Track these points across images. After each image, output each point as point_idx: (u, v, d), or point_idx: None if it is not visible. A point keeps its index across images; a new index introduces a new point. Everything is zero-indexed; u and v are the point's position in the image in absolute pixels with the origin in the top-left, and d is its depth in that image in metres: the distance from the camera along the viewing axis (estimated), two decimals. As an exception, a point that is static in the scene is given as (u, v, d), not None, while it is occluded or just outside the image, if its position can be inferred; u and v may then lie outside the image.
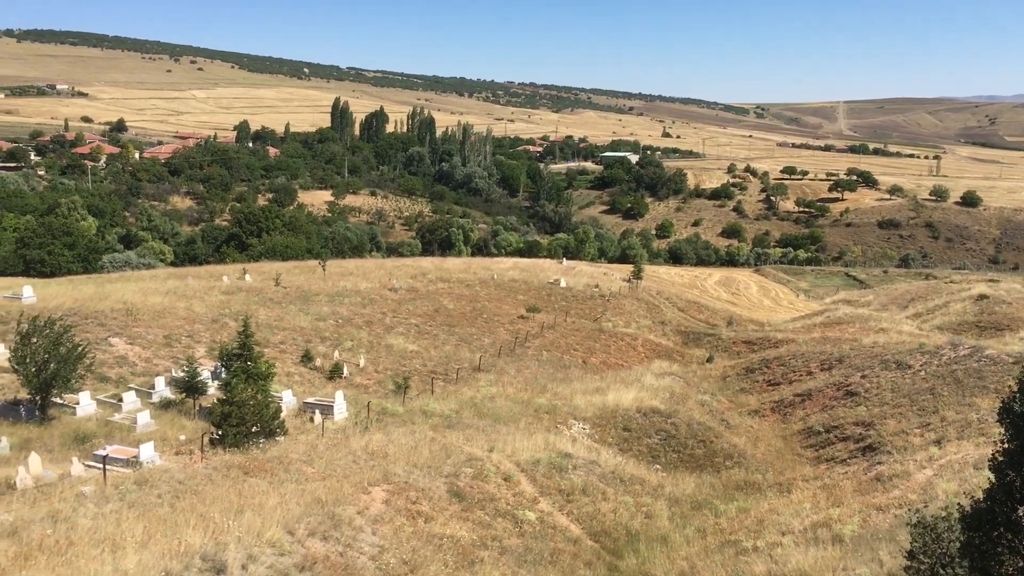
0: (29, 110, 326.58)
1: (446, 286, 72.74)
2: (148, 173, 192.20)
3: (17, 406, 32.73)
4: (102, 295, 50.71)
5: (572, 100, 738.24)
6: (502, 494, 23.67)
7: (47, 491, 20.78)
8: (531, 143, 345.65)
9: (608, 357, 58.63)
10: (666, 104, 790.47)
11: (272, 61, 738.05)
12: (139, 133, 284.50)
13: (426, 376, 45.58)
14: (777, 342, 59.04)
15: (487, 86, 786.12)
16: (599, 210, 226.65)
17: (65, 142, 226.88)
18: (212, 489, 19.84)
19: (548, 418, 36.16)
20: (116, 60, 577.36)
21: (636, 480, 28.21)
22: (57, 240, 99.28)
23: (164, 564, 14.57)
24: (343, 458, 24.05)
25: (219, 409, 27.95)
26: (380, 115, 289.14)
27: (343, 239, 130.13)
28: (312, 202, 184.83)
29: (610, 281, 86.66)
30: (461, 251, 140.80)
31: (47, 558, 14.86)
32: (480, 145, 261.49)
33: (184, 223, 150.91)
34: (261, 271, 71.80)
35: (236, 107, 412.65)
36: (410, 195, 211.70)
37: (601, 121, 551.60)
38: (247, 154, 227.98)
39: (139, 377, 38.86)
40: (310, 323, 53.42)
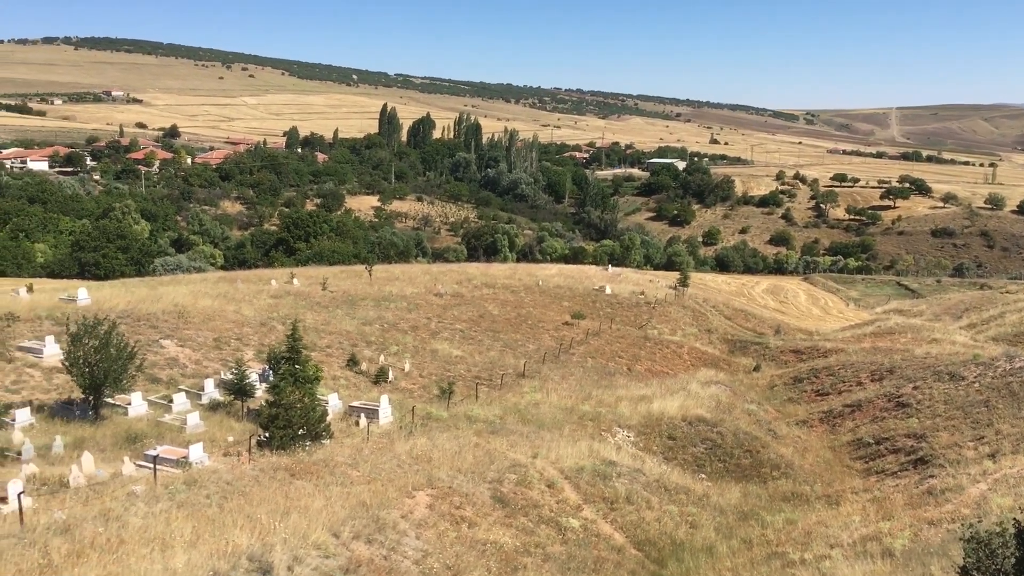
0: (86, 116, 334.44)
1: (491, 292, 72.86)
2: (199, 178, 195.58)
3: (71, 406, 33.45)
4: (154, 298, 51.61)
5: (619, 106, 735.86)
6: (545, 501, 23.61)
7: (99, 490, 21.18)
8: (577, 149, 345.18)
9: (653, 365, 58.24)
10: (714, 110, 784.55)
11: (321, 68, 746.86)
12: (191, 139, 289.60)
13: (470, 381, 45.65)
14: (826, 352, 58.17)
15: (534, 92, 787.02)
16: (645, 217, 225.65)
17: (120, 147, 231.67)
18: (259, 490, 20.06)
19: (592, 425, 36.01)
20: (170, 67, 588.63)
21: (681, 489, 27.96)
22: (111, 243, 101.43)
23: (212, 564, 14.75)
24: (388, 462, 24.17)
25: (267, 411, 28.28)
26: (427, 121, 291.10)
27: (389, 244, 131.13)
28: (359, 207, 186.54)
29: (656, 288, 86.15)
30: (506, 257, 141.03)
31: (99, 556, 15.13)
32: (526, 151, 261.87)
33: (234, 227, 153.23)
34: (309, 275, 72.56)
35: (286, 113, 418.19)
36: (456, 201, 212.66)
37: (648, 127, 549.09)
38: (296, 160, 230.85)
39: (189, 379, 39.47)
40: (356, 327, 53.83)
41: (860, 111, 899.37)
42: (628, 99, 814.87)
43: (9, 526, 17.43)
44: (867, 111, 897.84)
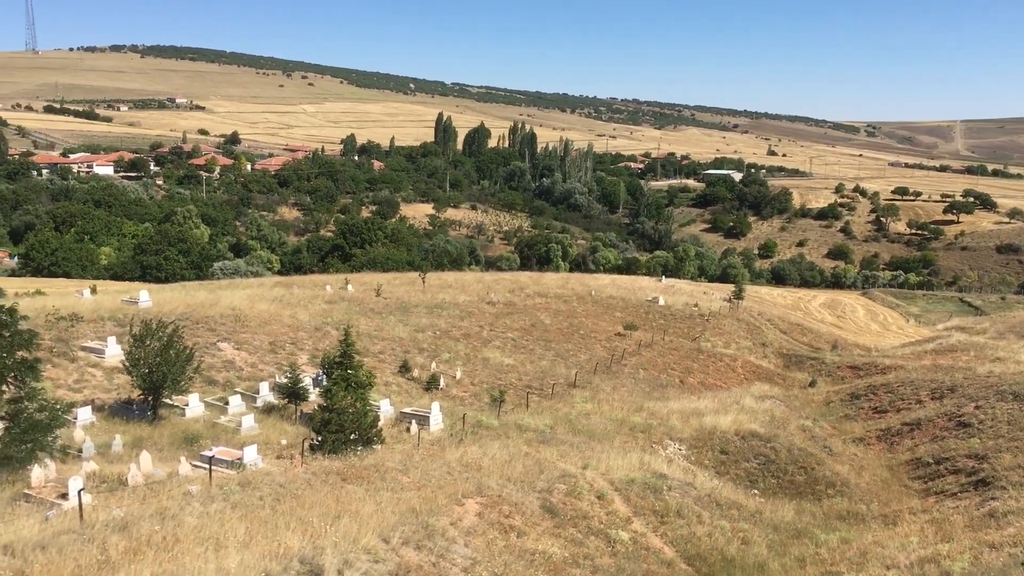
0: (150, 122, 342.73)
1: (543, 301, 72.82)
2: (259, 184, 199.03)
3: (130, 406, 34.18)
4: (213, 301, 52.56)
5: (675, 117, 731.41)
6: (595, 512, 23.46)
7: (156, 488, 21.59)
8: (632, 160, 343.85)
9: (706, 378, 57.64)
10: (772, 121, 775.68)
11: (379, 77, 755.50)
12: (251, 145, 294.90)
13: (521, 390, 45.64)
14: (885, 368, 57.03)
15: (589, 102, 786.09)
16: (700, 228, 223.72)
17: (182, 153, 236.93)
18: (311, 494, 20.26)
19: (643, 437, 35.73)
20: (232, 75, 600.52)
21: (733, 504, 27.58)
22: (172, 247, 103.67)
23: (264, 565, 14.92)
24: (438, 469, 24.25)
25: (319, 415, 28.57)
26: (482, 130, 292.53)
27: (443, 252, 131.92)
28: (414, 215, 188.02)
29: (710, 300, 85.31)
30: (559, 266, 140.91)
31: (155, 553, 15.40)
32: (581, 161, 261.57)
33: (291, 233, 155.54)
34: (363, 282, 73.28)
35: (344, 121, 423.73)
36: (510, 210, 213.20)
37: (704, 138, 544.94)
38: (352, 167, 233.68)
39: (245, 381, 40.09)
40: (409, 334, 54.19)
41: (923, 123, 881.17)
42: (685, 109, 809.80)
43: (69, 522, 17.85)
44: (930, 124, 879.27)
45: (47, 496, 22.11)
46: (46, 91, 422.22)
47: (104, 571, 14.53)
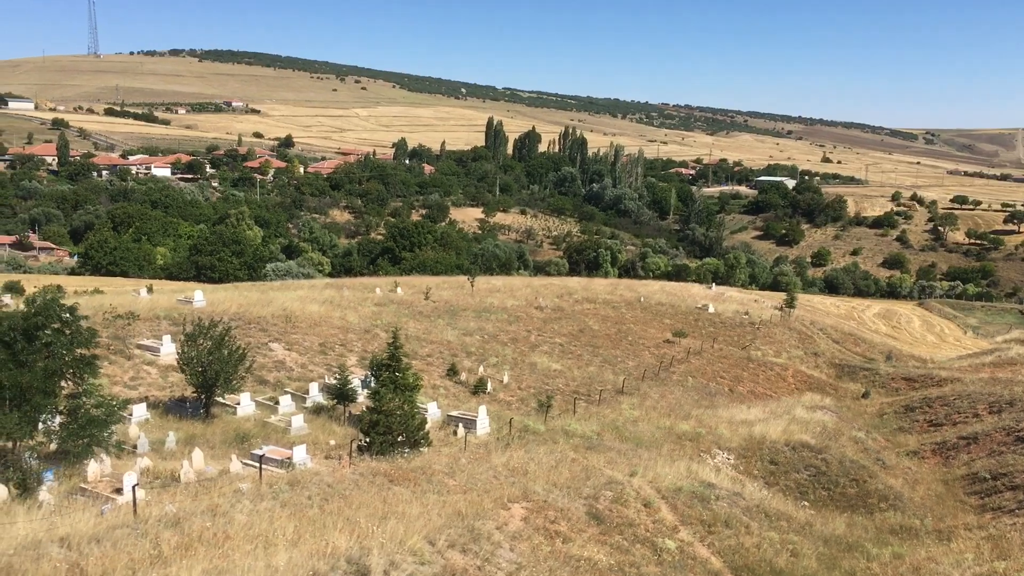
0: (207, 125, 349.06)
1: (592, 307, 72.60)
2: (311, 187, 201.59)
3: (184, 403, 34.82)
4: (265, 302, 53.31)
5: (728, 123, 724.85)
6: (641, 520, 23.29)
7: (208, 486, 21.95)
8: (683, 166, 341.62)
9: (756, 387, 56.94)
10: (827, 128, 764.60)
11: (431, 81, 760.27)
12: (305, 149, 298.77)
13: (569, 396, 45.53)
14: (941, 380, 55.83)
15: (641, 107, 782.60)
16: (751, 235, 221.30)
17: (238, 156, 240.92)
18: (358, 494, 20.43)
19: (691, 446, 35.41)
20: (287, 79, 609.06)
21: (782, 516, 27.20)
22: (226, 248, 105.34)
23: (312, 564, 15.08)
24: (484, 473, 24.28)
25: (368, 417, 28.81)
26: (532, 135, 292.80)
27: (492, 256, 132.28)
28: (463, 219, 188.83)
29: (761, 309, 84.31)
30: (608, 272, 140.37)
31: (206, 549, 15.66)
32: (631, 166, 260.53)
33: (342, 236, 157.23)
34: (412, 285, 73.74)
35: (395, 125, 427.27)
36: (559, 215, 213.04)
37: (757, 145, 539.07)
38: (403, 171, 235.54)
39: (295, 382, 40.58)
40: (457, 337, 54.39)
41: (984, 131, 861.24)
42: (737, 115, 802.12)
43: (123, 516, 18.22)
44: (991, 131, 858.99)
45: (102, 490, 22.61)
46: (107, 94, 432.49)
47: (156, 566, 14.80)
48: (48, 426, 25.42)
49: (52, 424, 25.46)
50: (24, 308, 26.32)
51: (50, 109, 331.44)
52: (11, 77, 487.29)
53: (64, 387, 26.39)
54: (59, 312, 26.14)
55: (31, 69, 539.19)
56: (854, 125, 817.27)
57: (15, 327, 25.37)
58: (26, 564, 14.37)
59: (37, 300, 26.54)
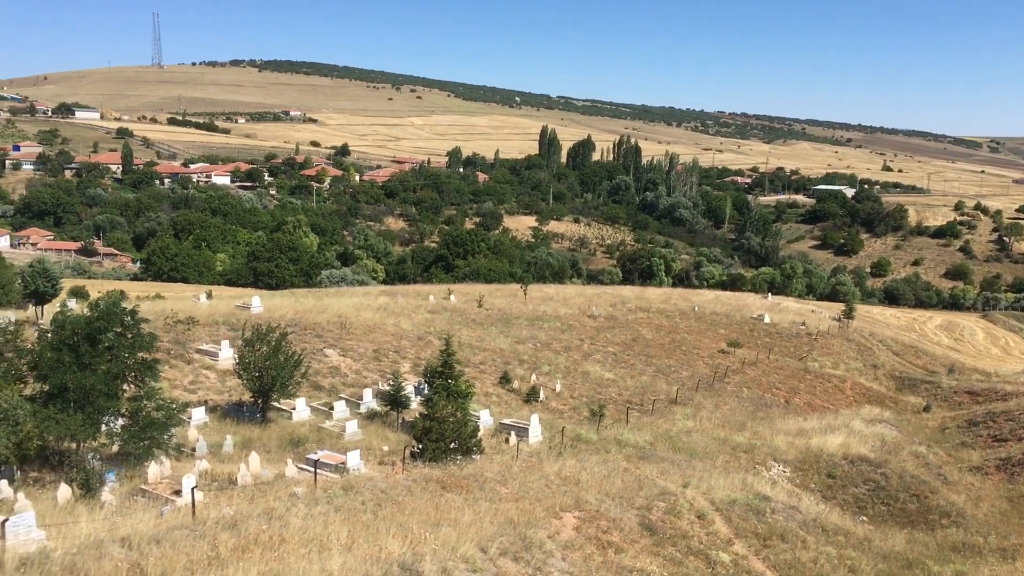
0: (265, 134, 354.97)
1: (645, 316, 72.13)
2: (366, 195, 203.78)
3: (241, 407, 35.38)
4: (320, 308, 53.98)
5: (785, 131, 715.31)
6: (695, 532, 23.03)
7: (264, 489, 22.25)
8: (739, 174, 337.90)
9: (813, 398, 56.01)
10: (888, 136, 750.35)
11: (486, 90, 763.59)
12: (360, 157, 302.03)
13: (621, 405, 45.27)
14: (1006, 395, 54.34)
15: (696, 115, 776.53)
16: (809, 245, 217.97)
17: (295, 164, 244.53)
18: (411, 500, 20.53)
19: (746, 458, 34.94)
20: (344, 88, 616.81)
21: (840, 531, 26.67)
22: (283, 255, 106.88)
23: (365, 569, 15.19)
24: (536, 481, 24.24)
25: (421, 424, 28.97)
26: (587, 143, 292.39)
27: (545, 264, 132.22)
28: (517, 227, 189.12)
29: (818, 319, 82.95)
30: (662, 281, 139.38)
31: (262, 552, 15.87)
32: (686, 175, 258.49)
33: (396, 243, 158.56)
34: (465, 292, 74.01)
35: (450, 134, 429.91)
36: (613, 223, 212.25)
37: (815, 153, 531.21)
38: (457, 179, 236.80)
39: (349, 388, 40.98)
40: (509, 345, 54.44)
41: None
42: (795, 123, 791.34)
43: (182, 517, 18.56)
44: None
45: (162, 492, 23.04)
46: (170, 104, 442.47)
47: (214, 567, 15.03)
48: (110, 428, 26.01)
49: (114, 426, 26.04)
50: (88, 312, 26.99)
51: (115, 119, 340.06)
52: (79, 87, 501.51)
53: (126, 390, 27.00)
54: (121, 316, 26.77)
55: (98, 80, 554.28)
56: (916, 133, 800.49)
57: (79, 331, 26.04)
58: (89, 563, 14.70)
59: (100, 305, 27.19)
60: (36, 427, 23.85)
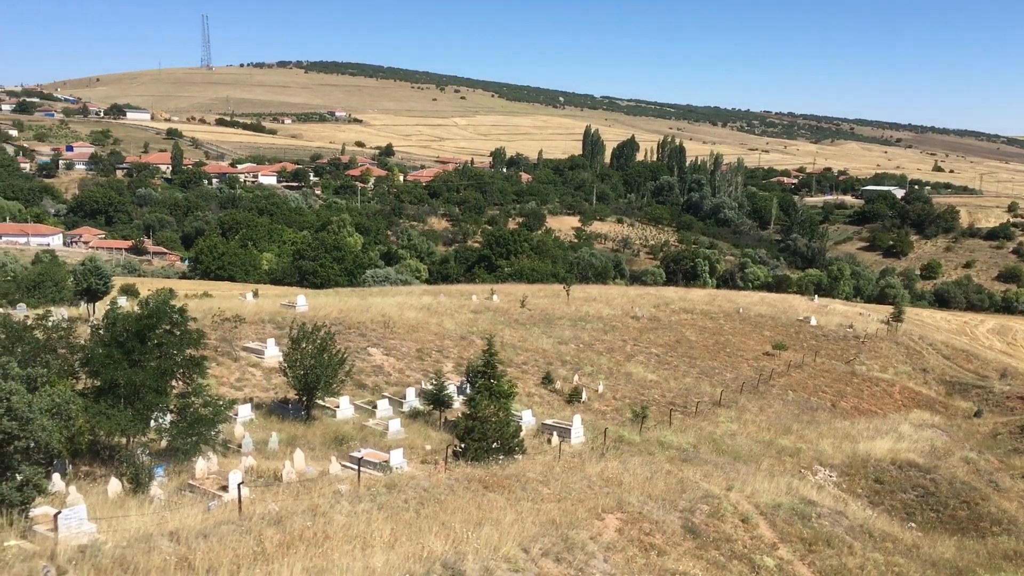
0: (311, 135, 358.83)
1: (689, 317, 71.61)
2: (410, 195, 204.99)
3: (286, 405, 35.78)
4: (364, 307, 54.39)
5: (833, 131, 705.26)
6: (739, 535, 22.81)
7: (308, 486, 22.48)
8: (786, 175, 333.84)
9: (860, 402, 55.18)
10: (939, 136, 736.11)
11: (529, 90, 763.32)
12: (404, 157, 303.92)
13: (664, 407, 45.00)
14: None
15: (742, 115, 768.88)
16: (857, 246, 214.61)
17: (340, 164, 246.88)
18: (453, 499, 20.60)
19: (791, 461, 34.53)
20: (388, 89, 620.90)
21: (887, 537, 26.23)
22: (328, 254, 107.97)
23: (408, 566, 15.27)
24: (578, 482, 24.18)
25: (463, 423, 29.06)
26: (630, 143, 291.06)
27: (588, 265, 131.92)
28: (560, 227, 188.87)
29: (866, 322, 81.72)
30: (706, 282, 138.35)
31: (306, 548, 16.04)
32: (731, 175, 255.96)
33: (439, 243, 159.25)
34: (508, 292, 74.09)
35: (493, 134, 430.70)
36: (656, 224, 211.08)
37: (864, 153, 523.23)
38: (501, 179, 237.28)
39: (392, 387, 41.25)
40: (552, 346, 54.39)
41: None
42: (843, 123, 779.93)
43: (229, 513, 18.82)
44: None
45: (209, 487, 23.38)
46: (218, 105, 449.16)
47: (259, 562, 15.22)
48: (159, 424, 26.49)
49: (163, 422, 26.50)
50: (138, 310, 27.50)
51: (165, 119, 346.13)
52: (130, 89, 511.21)
53: (175, 386, 27.47)
54: (170, 314, 27.24)
55: (148, 81, 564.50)
56: (968, 133, 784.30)
57: (130, 328, 26.54)
58: (138, 556, 14.97)
59: (150, 303, 27.70)
60: (88, 422, 24.35)
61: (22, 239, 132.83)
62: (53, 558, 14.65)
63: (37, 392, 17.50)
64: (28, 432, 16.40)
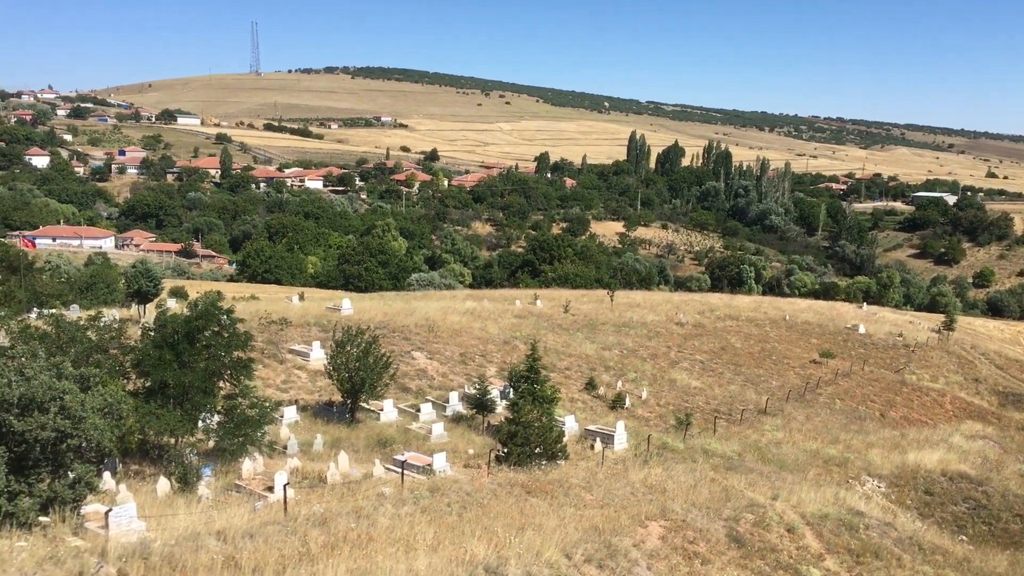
0: (357, 139, 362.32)
1: (734, 324, 70.90)
2: (454, 200, 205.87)
3: (331, 407, 36.10)
4: (408, 311, 54.70)
5: (883, 136, 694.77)
6: (784, 545, 22.51)
7: (352, 488, 22.65)
8: (834, 180, 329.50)
9: (910, 412, 54.19)
10: (992, 141, 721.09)
11: (574, 95, 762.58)
12: (449, 162, 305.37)
13: (708, 414, 44.60)
14: (1118, 413, 51.60)
15: (789, 120, 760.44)
16: (907, 254, 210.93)
17: (385, 169, 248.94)
18: (496, 504, 20.61)
19: (838, 471, 34.02)
20: (434, 94, 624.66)
21: (937, 550, 25.70)
22: (372, 258, 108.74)
23: (451, 570, 15.31)
24: (621, 488, 24.06)
25: (506, 428, 29.08)
26: (676, 149, 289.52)
27: (632, 270, 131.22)
28: (604, 232, 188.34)
29: (916, 330, 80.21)
30: (752, 289, 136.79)
31: (350, 550, 16.15)
32: (778, 181, 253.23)
33: (483, 248, 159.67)
34: (551, 297, 73.99)
35: (538, 139, 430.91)
36: (702, 229, 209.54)
37: (915, 159, 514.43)
38: (545, 184, 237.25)
39: (435, 391, 41.41)
40: (595, 351, 54.21)
41: None
42: (893, 128, 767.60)
43: (274, 513, 19.03)
44: None
45: (255, 488, 23.66)
46: (266, 110, 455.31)
47: (304, 563, 15.36)
48: (207, 424, 26.87)
49: (210, 422, 26.89)
50: (187, 312, 27.95)
51: (214, 124, 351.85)
52: (180, 94, 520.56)
53: (222, 388, 27.86)
54: (218, 316, 27.65)
55: (198, 87, 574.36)
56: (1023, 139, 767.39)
57: (179, 330, 26.99)
58: (186, 554, 15.19)
59: (199, 305, 28.13)
60: (138, 422, 24.80)
61: (76, 242, 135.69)
62: (104, 555, 14.93)
63: (89, 392, 17.84)
64: (81, 431, 16.72)
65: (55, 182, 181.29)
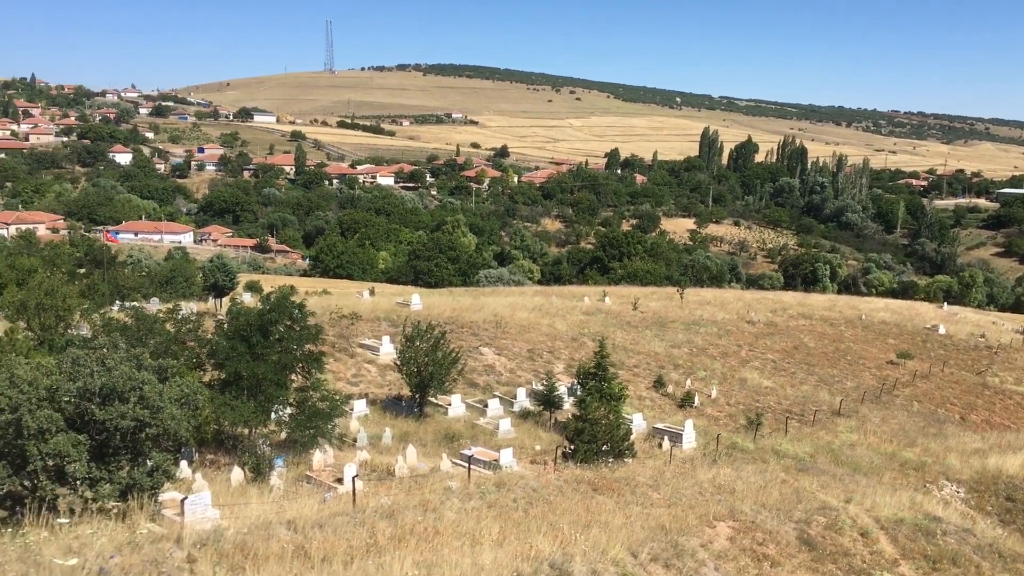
0: (428, 136, 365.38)
1: (808, 323, 69.52)
2: (524, 196, 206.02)
3: (399, 401, 36.51)
4: (476, 307, 54.96)
5: (966, 131, 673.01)
6: (857, 550, 21.99)
7: (420, 481, 22.87)
8: (914, 176, 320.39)
9: (992, 416, 52.44)
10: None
11: (646, 91, 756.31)
12: (519, 159, 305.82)
13: (780, 415, 43.84)
14: None
15: (867, 115, 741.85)
16: (991, 252, 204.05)
17: (455, 165, 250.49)
18: (562, 500, 20.58)
19: (915, 475, 33.12)
20: (504, 91, 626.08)
21: (1019, 558, 24.81)
22: (442, 254, 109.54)
23: (516, 565, 15.33)
24: (689, 488, 23.80)
25: (573, 424, 29.02)
26: (749, 144, 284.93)
27: (702, 268, 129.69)
28: (674, 229, 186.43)
29: (1000, 331, 77.57)
30: (826, 287, 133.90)
31: (416, 542, 16.30)
32: (855, 177, 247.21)
33: (552, 244, 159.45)
34: (620, 294, 73.55)
35: (608, 135, 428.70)
36: (775, 226, 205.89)
37: (1000, 154, 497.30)
38: (615, 180, 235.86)
39: (503, 386, 41.54)
40: (664, 349, 53.74)
41: None
42: (978, 123, 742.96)
43: (343, 505, 19.32)
44: None
45: (325, 479, 24.07)
46: (340, 108, 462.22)
47: (372, 554, 15.56)
48: (279, 416, 27.42)
49: (283, 414, 27.42)
50: (261, 306, 28.55)
51: (289, 122, 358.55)
52: (257, 93, 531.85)
53: (294, 380, 28.39)
54: (291, 310, 28.18)
55: (274, 85, 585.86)
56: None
57: (253, 323, 27.58)
58: (258, 543, 15.52)
59: (272, 298, 28.71)
60: (213, 412, 25.44)
61: (156, 236, 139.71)
62: (179, 541, 15.34)
63: (167, 382, 18.34)
64: (159, 420, 17.20)
65: (137, 178, 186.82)
